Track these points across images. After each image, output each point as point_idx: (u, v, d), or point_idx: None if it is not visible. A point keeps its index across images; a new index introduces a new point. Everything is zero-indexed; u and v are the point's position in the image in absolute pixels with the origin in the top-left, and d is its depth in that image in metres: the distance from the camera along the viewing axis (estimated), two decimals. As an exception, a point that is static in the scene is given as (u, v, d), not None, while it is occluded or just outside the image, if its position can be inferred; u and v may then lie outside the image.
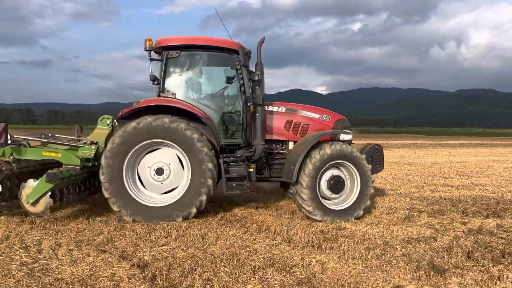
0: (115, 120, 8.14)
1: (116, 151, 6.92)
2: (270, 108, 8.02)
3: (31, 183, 6.44)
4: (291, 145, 8.08)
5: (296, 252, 5.56)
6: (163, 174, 7.19)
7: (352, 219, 7.36)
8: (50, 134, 8.03)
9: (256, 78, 7.36)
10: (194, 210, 7.07)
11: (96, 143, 7.65)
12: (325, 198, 7.48)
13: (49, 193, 6.38)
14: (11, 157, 6.79)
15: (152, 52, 7.58)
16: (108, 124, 8.11)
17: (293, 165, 7.29)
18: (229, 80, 7.71)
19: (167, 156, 7.24)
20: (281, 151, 8.11)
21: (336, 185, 7.44)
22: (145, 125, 6.94)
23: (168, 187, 7.28)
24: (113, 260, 4.96)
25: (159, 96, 7.49)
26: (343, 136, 8.04)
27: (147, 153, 7.22)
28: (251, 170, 7.59)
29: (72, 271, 4.64)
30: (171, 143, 7.07)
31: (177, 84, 7.66)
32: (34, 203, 6.36)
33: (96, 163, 7.26)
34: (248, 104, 7.46)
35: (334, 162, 7.38)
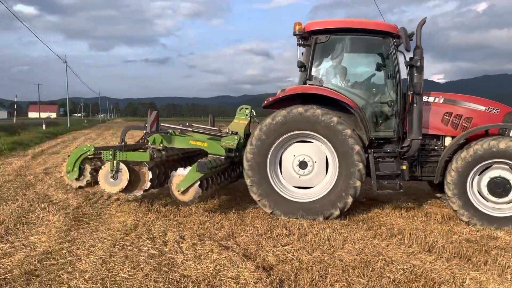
0: (253, 111, 8.09)
1: (262, 141, 6.72)
2: (425, 98, 7.10)
3: (182, 172, 6.48)
4: (448, 141, 7.09)
5: (441, 264, 4.72)
6: (305, 169, 6.83)
7: None
8: (187, 124, 8.13)
9: (418, 64, 6.61)
10: (337, 212, 6.60)
11: (236, 133, 7.58)
12: (491, 202, 6.48)
13: (198, 182, 6.39)
14: (161, 145, 6.97)
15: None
16: (246, 115, 8.00)
17: (439, 163, 6.68)
18: (382, 66, 7.05)
19: (315, 152, 6.84)
20: (435, 147, 7.18)
21: (497, 188, 6.36)
22: (295, 115, 6.62)
23: (304, 183, 6.89)
24: (237, 259, 4.68)
25: (304, 83, 7.09)
26: None
27: (297, 142, 6.89)
28: (404, 167, 6.79)
29: (197, 268, 4.46)
30: (319, 136, 6.65)
31: (325, 71, 7.26)
32: (184, 192, 6.40)
33: (238, 154, 7.23)
34: (409, 92, 6.80)
35: (493, 160, 6.32)
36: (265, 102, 7.35)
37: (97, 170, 6.72)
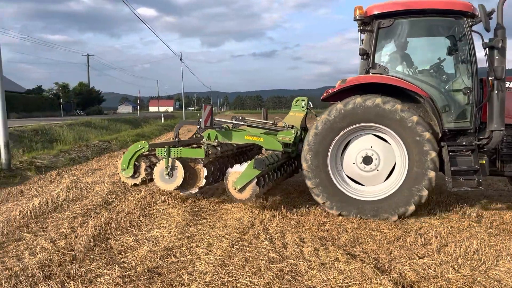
0: (310, 102, 7.57)
1: (320, 139, 6.18)
2: (508, 84, 6.15)
3: (238, 169, 6.13)
4: None
5: None
6: (372, 161, 6.20)
7: None
8: (240, 117, 7.79)
9: (500, 45, 5.68)
10: (411, 208, 5.93)
11: (293, 127, 7.09)
12: None
13: (256, 180, 5.99)
14: (216, 141, 6.73)
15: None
16: (302, 107, 7.49)
17: None
18: (454, 50, 6.21)
19: (364, 141, 6.24)
20: None
21: None
22: (353, 107, 6.01)
23: (386, 170, 6.22)
24: (369, 272, 4.08)
25: (367, 72, 6.40)
26: None
27: (342, 151, 6.34)
28: (483, 162, 5.97)
29: (323, 279, 3.97)
30: (383, 127, 6.01)
31: (390, 58, 6.59)
32: (241, 190, 6.03)
33: (295, 148, 6.84)
34: (489, 78, 5.90)
35: None
36: (324, 94, 6.70)
37: (152, 167, 6.61)
